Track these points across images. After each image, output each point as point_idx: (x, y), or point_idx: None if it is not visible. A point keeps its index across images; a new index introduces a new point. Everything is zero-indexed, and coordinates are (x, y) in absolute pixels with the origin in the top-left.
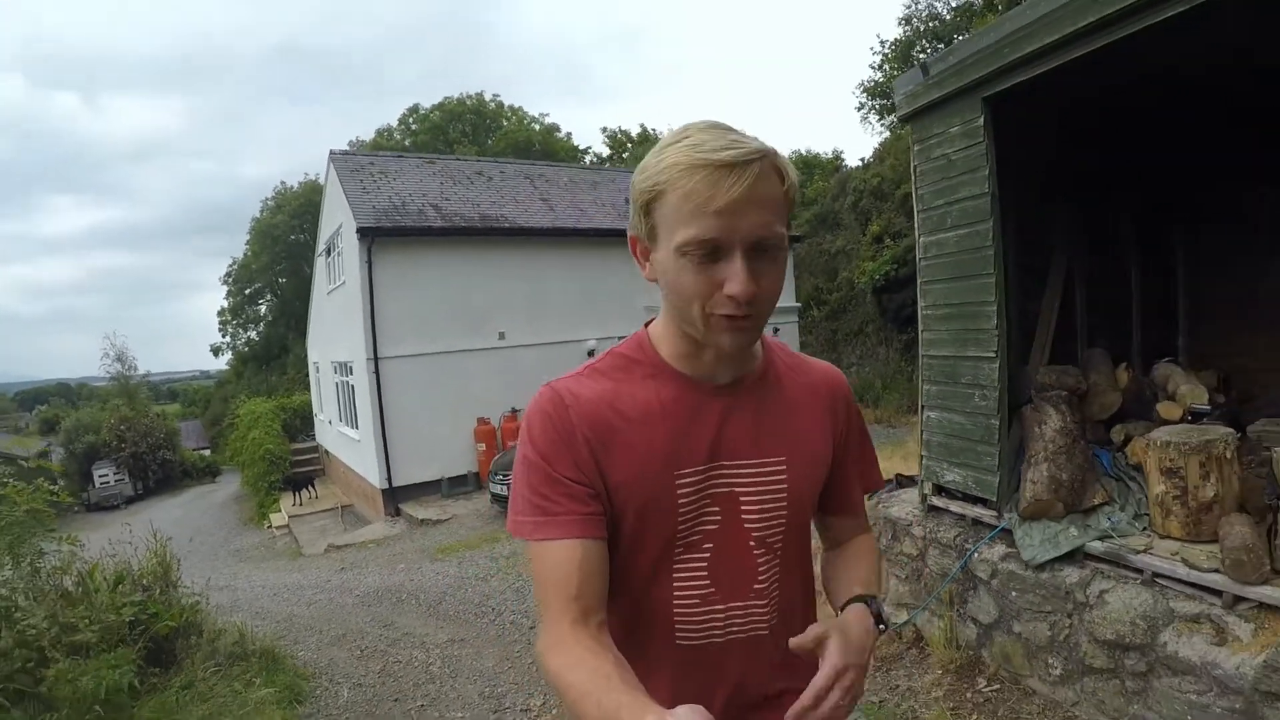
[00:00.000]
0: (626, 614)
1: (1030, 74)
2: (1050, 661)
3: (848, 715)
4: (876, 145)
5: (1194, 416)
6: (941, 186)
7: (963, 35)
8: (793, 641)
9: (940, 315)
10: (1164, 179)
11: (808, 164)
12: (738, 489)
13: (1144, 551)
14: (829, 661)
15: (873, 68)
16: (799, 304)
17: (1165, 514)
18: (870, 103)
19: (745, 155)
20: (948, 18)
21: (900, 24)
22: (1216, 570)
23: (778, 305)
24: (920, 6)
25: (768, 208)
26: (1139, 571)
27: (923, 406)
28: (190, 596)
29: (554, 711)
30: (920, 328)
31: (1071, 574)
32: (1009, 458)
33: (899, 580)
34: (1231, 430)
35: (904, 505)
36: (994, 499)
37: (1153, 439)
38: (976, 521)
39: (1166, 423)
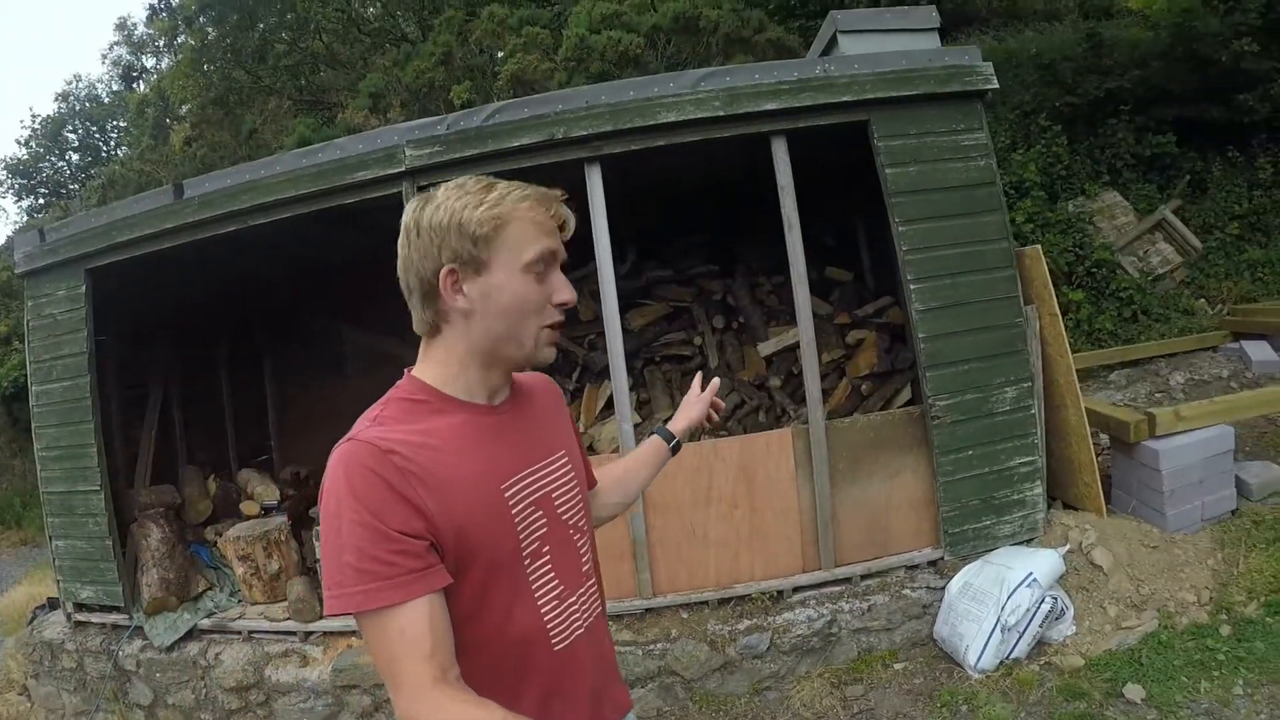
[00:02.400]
0: (497, 647)
1: (131, 254)
2: (203, 716)
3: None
4: (9, 232)
5: (266, 511)
6: (49, 342)
7: (119, 122)
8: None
9: (54, 456)
10: (254, 312)
11: None
12: (548, 489)
13: (239, 618)
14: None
15: (19, 142)
16: None
17: (250, 588)
18: (11, 181)
19: (560, 192)
20: (107, 101)
21: (56, 100)
22: (289, 619)
23: None
24: (80, 86)
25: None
26: (239, 633)
27: (50, 536)
28: None
29: None
30: (38, 468)
31: (193, 648)
32: (129, 569)
33: (69, 694)
34: (284, 521)
35: (54, 627)
36: (124, 605)
37: (227, 536)
38: (116, 626)
39: (248, 518)
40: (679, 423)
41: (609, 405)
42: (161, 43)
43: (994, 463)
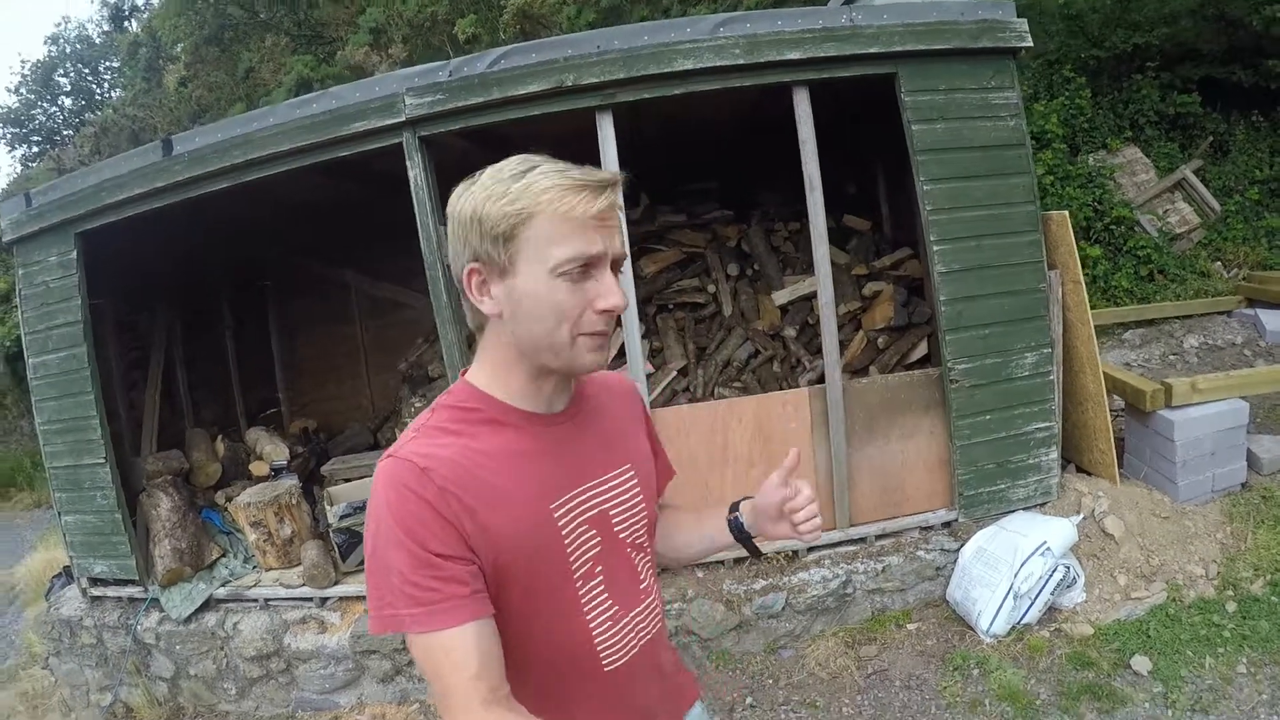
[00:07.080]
0: (542, 668)
1: (122, 215)
2: (226, 686)
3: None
4: (4, 185)
5: (275, 472)
6: (43, 311)
7: (111, 62)
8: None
9: (56, 430)
10: (255, 262)
11: None
12: (605, 506)
13: (254, 585)
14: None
15: (9, 90)
16: None
17: (263, 554)
18: (3, 130)
19: (612, 178)
20: (98, 41)
21: (46, 43)
22: (304, 585)
23: None
24: (69, 28)
25: (620, 227)
26: (255, 600)
27: (60, 512)
28: None
29: None
30: (41, 442)
31: (210, 618)
32: (140, 541)
33: (90, 669)
34: (295, 483)
35: (71, 603)
36: (138, 578)
37: (237, 501)
38: (132, 599)
39: (258, 479)
40: (750, 515)
41: (620, 354)
42: None
43: (1010, 427)
